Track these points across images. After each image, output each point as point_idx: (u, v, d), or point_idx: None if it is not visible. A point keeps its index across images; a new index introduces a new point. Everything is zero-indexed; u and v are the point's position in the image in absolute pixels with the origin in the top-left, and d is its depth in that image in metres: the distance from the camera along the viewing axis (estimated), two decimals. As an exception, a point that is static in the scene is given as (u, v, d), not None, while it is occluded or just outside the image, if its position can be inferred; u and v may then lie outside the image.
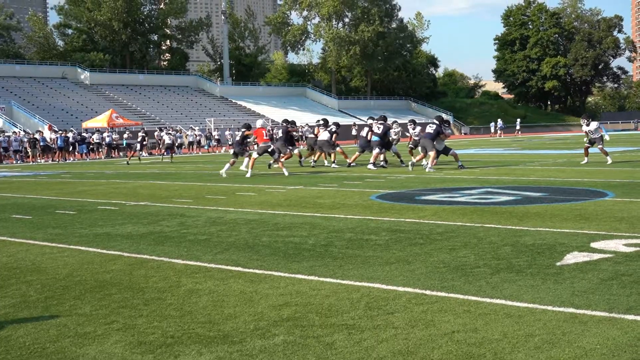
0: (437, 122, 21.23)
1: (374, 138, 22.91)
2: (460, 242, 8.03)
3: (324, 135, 24.49)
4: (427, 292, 5.71)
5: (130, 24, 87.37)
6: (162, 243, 8.66)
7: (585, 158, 22.07)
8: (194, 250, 8.09)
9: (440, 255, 7.27)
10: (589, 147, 22.16)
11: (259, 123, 21.63)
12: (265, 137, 20.90)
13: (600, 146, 21.84)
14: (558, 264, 6.63)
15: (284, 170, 20.52)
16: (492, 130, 75.17)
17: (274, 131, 30.05)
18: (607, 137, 22.99)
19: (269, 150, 20.80)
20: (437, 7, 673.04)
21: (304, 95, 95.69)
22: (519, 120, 77.84)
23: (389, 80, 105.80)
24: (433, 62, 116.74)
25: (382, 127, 22.79)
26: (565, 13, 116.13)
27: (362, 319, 5.02)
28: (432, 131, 20.73)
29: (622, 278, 5.95)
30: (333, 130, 24.63)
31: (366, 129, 24.00)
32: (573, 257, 6.90)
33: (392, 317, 5.02)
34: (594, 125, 21.80)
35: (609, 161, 21.01)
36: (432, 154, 20.44)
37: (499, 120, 74.74)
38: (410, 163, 21.16)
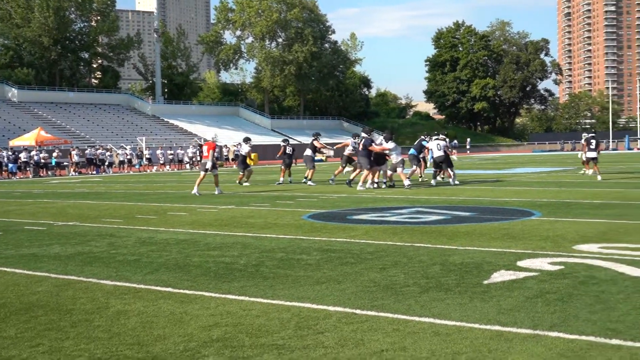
0: (446, 139, 24.17)
1: (411, 152, 24.09)
2: (391, 261, 8.11)
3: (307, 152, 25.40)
4: (357, 311, 5.74)
5: (61, 41, 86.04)
6: (91, 264, 8.51)
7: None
8: (123, 270, 7.97)
9: (371, 274, 7.33)
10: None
11: (211, 136, 21.19)
12: (206, 154, 20.63)
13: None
14: (485, 282, 6.75)
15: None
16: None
17: (239, 148, 28.81)
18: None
19: (209, 167, 20.47)
20: (370, 29, 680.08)
21: (237, 115, 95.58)
22: (469, 139, 79.17)
23: (321, 100, 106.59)
24: (366, 82, 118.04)
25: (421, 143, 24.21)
26: (494, 36, 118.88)
27: (292, 338, 5.02)
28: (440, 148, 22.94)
29: (546, 296, 6.09)
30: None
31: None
32: (500, 276, 7.03)
33: (322, 337, 5.03)
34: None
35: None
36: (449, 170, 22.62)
37: (446, 139, 75.49)
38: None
